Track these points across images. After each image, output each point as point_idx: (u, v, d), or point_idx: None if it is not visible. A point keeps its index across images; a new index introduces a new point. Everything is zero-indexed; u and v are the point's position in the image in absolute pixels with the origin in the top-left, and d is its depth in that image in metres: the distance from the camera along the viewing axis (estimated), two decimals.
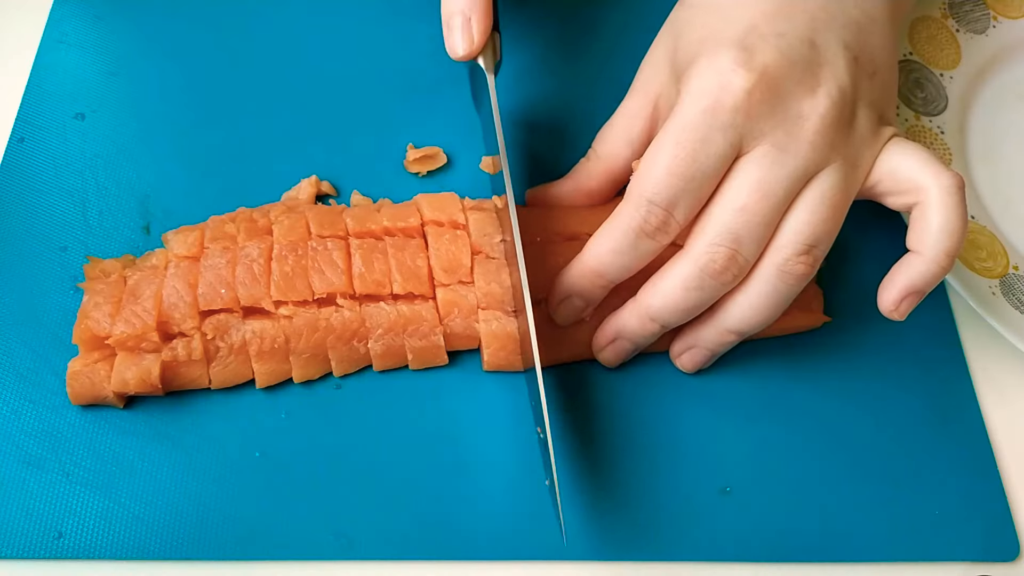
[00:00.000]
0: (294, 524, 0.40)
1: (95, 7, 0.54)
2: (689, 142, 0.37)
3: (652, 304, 0.40)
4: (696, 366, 0.44)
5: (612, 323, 0.42)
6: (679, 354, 0.43)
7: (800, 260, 0.38)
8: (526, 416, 0.43)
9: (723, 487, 0.42)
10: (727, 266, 0.38)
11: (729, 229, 0.37)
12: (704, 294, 0.39)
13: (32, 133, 0.50)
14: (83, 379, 0.41)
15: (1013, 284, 0.47)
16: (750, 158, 0.37)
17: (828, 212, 0.38)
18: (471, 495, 0.41)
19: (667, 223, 0.38)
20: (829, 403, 0.44)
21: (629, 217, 0.38)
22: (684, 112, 0.37)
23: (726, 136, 0.37)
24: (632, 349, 0.43)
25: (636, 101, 0.44)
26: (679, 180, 0.37)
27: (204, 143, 0.50)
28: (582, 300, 0.42)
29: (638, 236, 0.38)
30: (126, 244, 0.46)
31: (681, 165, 0.37)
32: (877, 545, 0.41)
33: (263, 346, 0.42)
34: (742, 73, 0.36)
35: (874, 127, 0.39)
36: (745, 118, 0.37)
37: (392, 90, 0.52)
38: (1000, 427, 0.44)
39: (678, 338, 0.43)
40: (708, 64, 0.37)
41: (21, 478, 0.40)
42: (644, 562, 0.40)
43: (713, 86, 0.37)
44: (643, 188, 0.38)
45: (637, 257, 0.39)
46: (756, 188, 0.37)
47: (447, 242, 0.43)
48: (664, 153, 0.37)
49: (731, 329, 0.40)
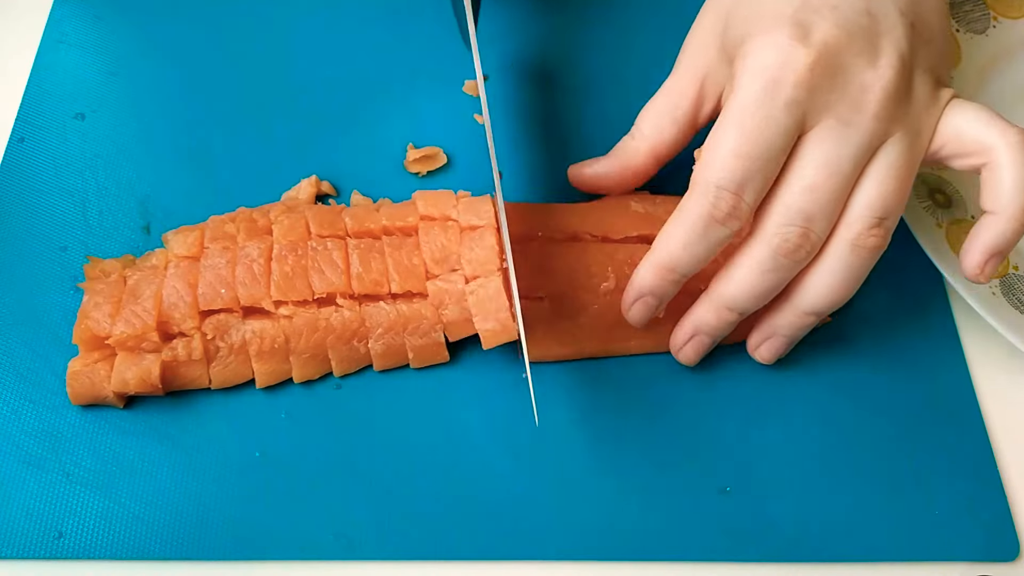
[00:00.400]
0: (294, 524, 0.40)
1: (95, 7, 0.54)
2: (753, 122, 0.36)
3: (727, 293, 0.40)
4: (776, 355, 0.43)
5: (688, 320, 0.42)
6: (757, 346, 0.43)
7: (872, 233, 0.37)
8: (526, 416, 0.43)
9: (723, 487, 0.42)
10: (800, 244, 0.37)
11: (800, 208, 0.37)
12: (779, 275, 0.38)
13: (32, 133, 0.50)
14: (83, 379, 0.41)
15: (1013, 284, 0.47)
16: (815, 134, 0.37)
17: (896, 183, 0.37)
18: (472, 495, 0.41)
19: (737, 207, 0.37)
20: (829, 403, 0.44)
21: (698, 206, 0.37)
22: (744, 92, 0.37)
23: (790, 113, 0.36)
24: (711, 344, 0.43)
25: (682, 79, 0.43)
26: (746, 161, 0.36)
27: (204, 143, 0.50)
28: (655, 298, 0.41)
29: (708, 224, 0.37)
30: (126, 244, 0.46)
31: (746, 145, 0.36)
32: (877, 545, 0.41)
33: (263, 346, 0.42)
34: (802, 49, 0.36)
35: (932, 92, 0.39)
36: (808, 94, 0.36)
37: (392, 90, 0.52)
38: (1000, 427, 0.44)
39: (755, 330, 0.43)
40: (765, 42, 0.37)
41: (21, 478, 0.40)
42: (644, 562, 0.40)
43: (772, 63, 0.36)
44: (709, 174, 0.37)
45: (709, 246, 0.38)
46: (823, 165, 0.37)
47: (437, 234, 0.43)
48: (728, 136, 0.37)
49: (809, 311, 0.40)
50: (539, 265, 0.43)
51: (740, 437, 0.43)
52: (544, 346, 0.44)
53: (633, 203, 0.46)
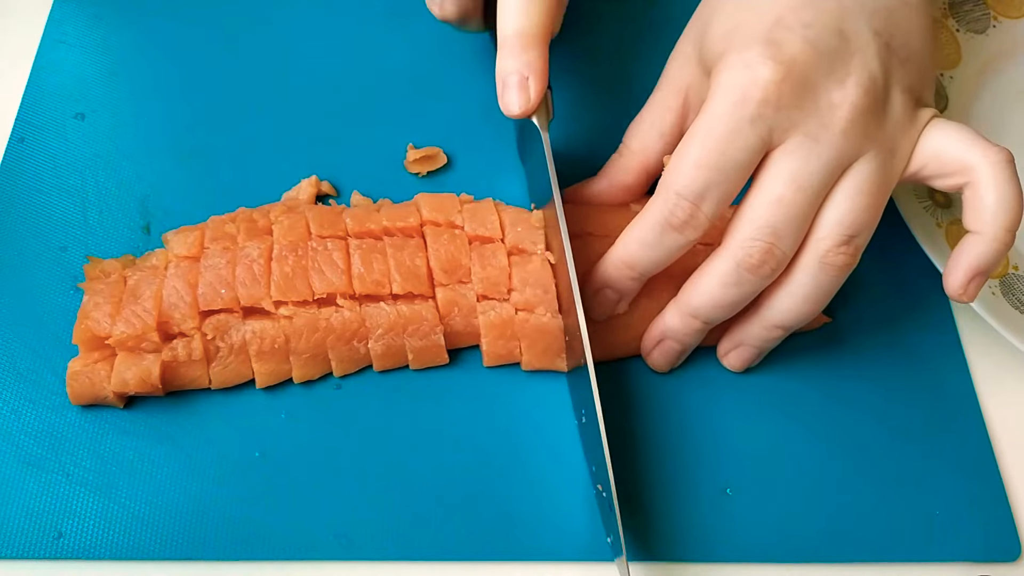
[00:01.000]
0: (294, 524, 0.40)
1: (95, 8, 0.54)
2: (718, 135, 0.37)
3: (691, 301, 0.40)
4: (744, 364, 0.44)
5: (656, 325, 0.43)
6: (726, 353, 0.44)
7: (841, 251, 0.38)
8: (526, 415, 0.43)
9: (723, 487, 0.42)
10: (764, 260, 0.37)
11: (766, 222, 0.37)
12: (743, 289, 0.39)
13: (32, 133, 0.50)
14: (83, 379, 0.41)
15: (1013, 284, 0.47)
16: (783, 150, 0.37)
17: (866, 201, 0.37)
18: (471, 495, 0.41)
19: (694, 216, 0.38)
20: (829, 403, 0.44)
21: (657, 210, 0.38)
22: (713, 106, 0.37)
23: (755, 129, 0.37)
24: (680, 349, 0.43)
25: (665, 93, 0.44)
26: (707, 172, 0.37)
27: (204, 143, 0.50)
28: (614, 292, 0.42)
29: (664, 229, 0.38)
30: (126, 244, 0.46)
31: (710, 157, 0.37)
32: (877, 545, 0.41)
33: (263, 346, 0.42)
34: (770, 65, 0.36)
35: (910, 112, 0.39)
36: (775, 111, 0.36)
37: (392, 90, 0.52)
38: (1000, 427, 0.44)
39: (725, 337, 0.43)
40: (736, 58, 0.37)
41: (21, 478, 0.40)
42: (644, 562, 0.40)
43: (741, 80, 0.37)
44: (672, 181, 0.38)
45: (665, 251, 0.39)
46: (791, 179, 0.37)
47: (445, 242, 0.43)
48: (693, 146, 0.37)
49: (777, 324, 0.40)
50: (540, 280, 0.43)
51: (740, 437, 0.43)
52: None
53: (633, 203, 0.46)
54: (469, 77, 0.53)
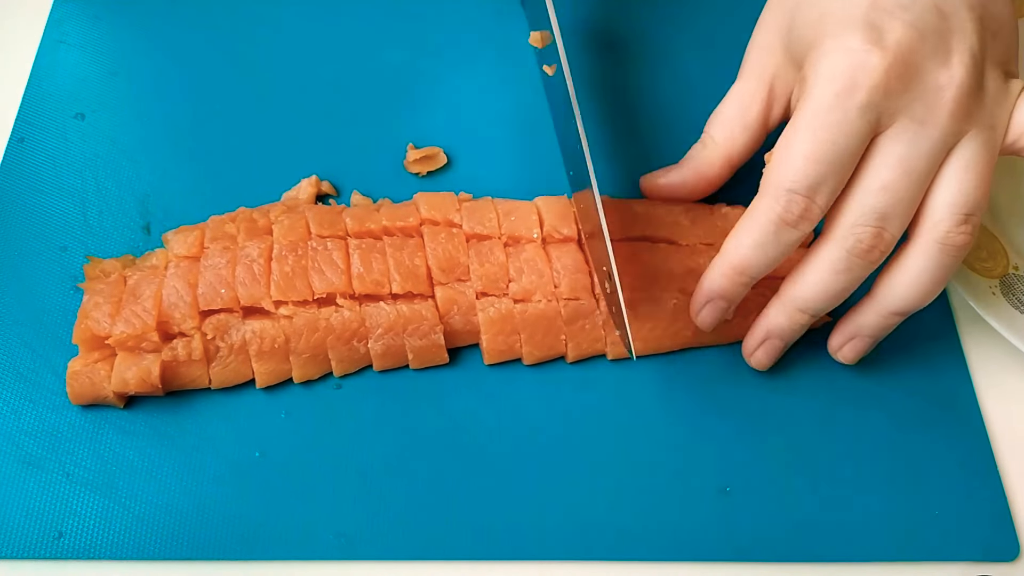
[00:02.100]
0: (294, 524, 0.40)
1: (95, 7, 0.54)
2: (827, 126, 0.36)
3: (799, 294, 0.40)
4: (859, 356, 0.43)
5: (760, 325, 0.42)
6: (840, 347, 0.43)
7: (960, 231, 0.37)
8: (526, 415, 0.43)
9: (723, 487, 0.42)
10: (874, 244, 0.37)
11: (873, 208, 0.37)
12: (852, 275, 0.38)
13: (32, 133, 0.50)
14: (83, 379, 0.41)
15: (1013, 284, 0.47)
16: (889, 135, 0.37)
17: (977, 179, 0.37)
18: (471, 495, 0.41)
19: (809, 210, 0.37)
20: (829, 403, 0.44)
21: (769, 209, 0.37)
22: (817, 96, 0.37)
23: (864, 117, 0.36)
24: (783, 347, 0.43)
25: (749, 84, 0.43)
26: (819, 166, 0.36)
27: (204, 143, 0.50)
28: (725, 301, 0.41)
29: (779, 227, 0.38)
30: (126, 244, 0.46)
31: (820, 150, 0.36)
32: (877, 545, 0.41)
33: (263, 346, 0.42)
34: (876, 52, 0.36)
35: (1002, 85, 0.38)
36: (883, 97, 0.36)
37: (392, 90, 0.52)
38: (1000, 427, 0.44)
39: (836, 330, 0.43)
40: (837, 45, 0.37)
41: (21, 478, 0.40)
42: (644, 562, 0.40)
43: (846, 68, 0.36)
44: (781, 178, 0.37)
45: (780, 249, 0.38)
46: (897, 165, 0.36)
47: (443, 241, 0.43)
48: (801, 140, 0.37)
49: (896, 311, 0.40)
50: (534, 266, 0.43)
51: (740, 437, 0.43)
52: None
53: (634, 204, 0.46)
54: (469, 77, 0.53)
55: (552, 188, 0.48)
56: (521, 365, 0.44)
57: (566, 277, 0.43)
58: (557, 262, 0.43)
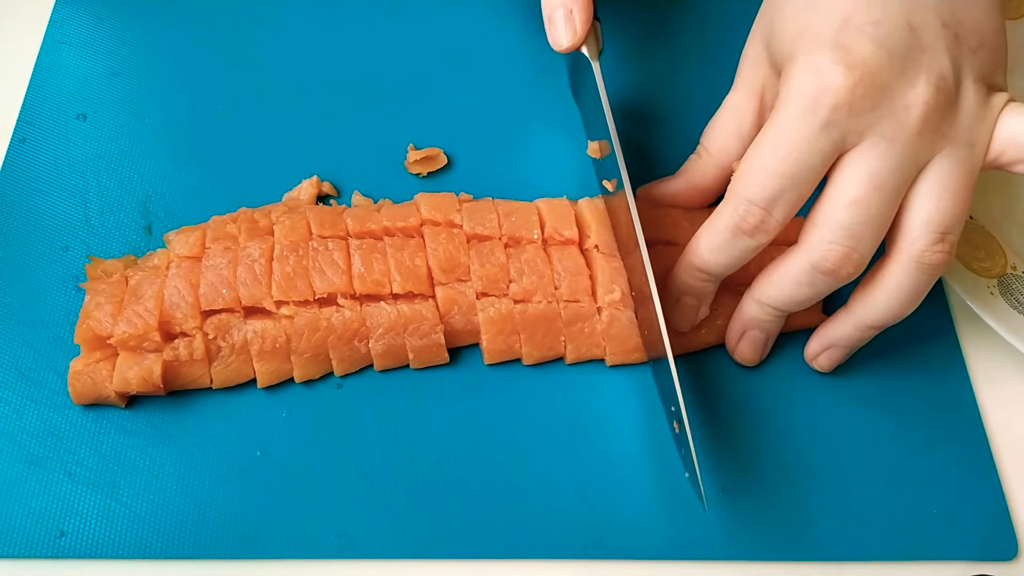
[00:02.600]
0: (295, 523, 0.40)
1: (96, 8, 0.55)
2: (788, 143, 0.37)
3: (766, 293, 0.41)
4: (834, 365, 0.44)
5: (737, 318, 0.43)
6: (816, 355, 0.44)
7: (936, 249, 0.37)
8: (526, 414, 0.43)
9: (723, 486, 0.42)
10: (842, 264, 0.38)
11: (843, 224, 0.37)
12: (816, 289, 0.39)
13: (34, 134, 0.50)
14: (85, 379, 0.41)
15: (1011, 284, 0.47)
16: (857, 152, 0.37)
17: (952, 197, 0.37)
18: (471, 494, 0.41)
19: (765, 222, 0.38)
20: (828, 403, 0.44)
21: (728, 216, 0.39)
22: (783, 113, 0.37)
23: (828, 135, 0.36)
24: (764, 339, 0.43)
25: (741, 96, 0.44)
26: (779, 179, 0.37)
27: (205, 144, 0.50)
28: (693, 298, 0.42)
29: (735, 235, 0.39)
30: (127, 244, 0.46)
31: (779, 166, 0.37)
32: (876, 544, 0.41)
33: (264, 346, 0.42)
34: (841, 71, 0.36)
35: (983, 100, 0.38)
36: (848, 116, 0.36)
37: (392, 90, 0.52)
38: (998, 427, 0.44)
39: (813, 338, 0.43)
40: (805, 63, 0.37)
41: (23, 477, 0.40)
42: (644, 561, 0.41)
43: (812, 87, 0.36)
44: (742, 188, 0.38)
45: (736, 254, 0.39)
46: (867, 180, 0.37)
47: (443, 242, 0.43)
48: (763, 153, 0.37)
49: (871, 325, 0.40)
50: (535, 267, 0.43)
51: (740, 437, 0.43)
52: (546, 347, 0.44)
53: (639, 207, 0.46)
54: (469, 77, 0.53)
55: (552, 188, 0.48)
56: (521, 365, 0.44)
57: (566, 279, 0.43)
58: (558, 264, 0.44)
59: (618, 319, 0.43)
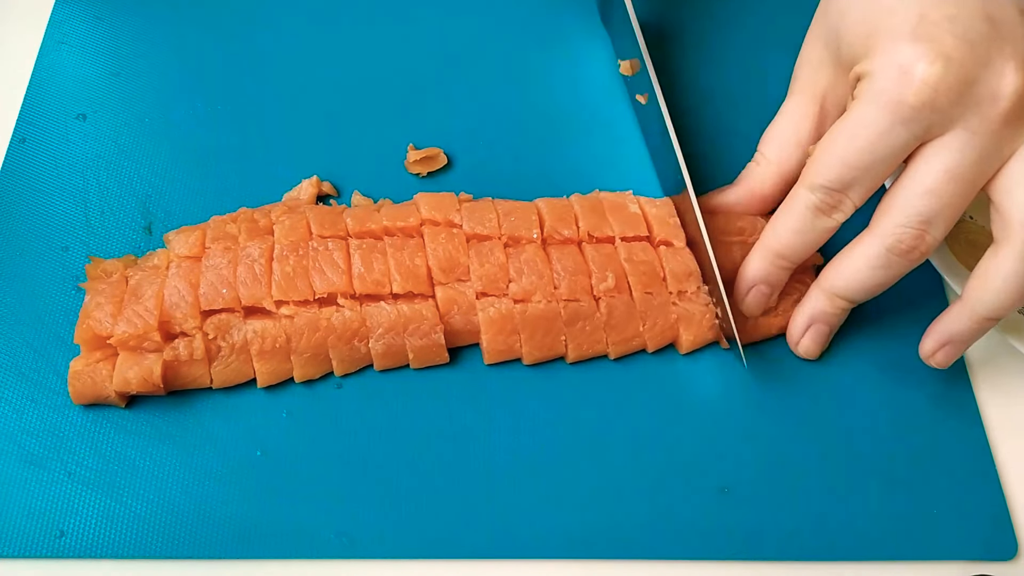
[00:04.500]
0: (295, 523, 0.40)
1: (96, 8, 0.55)
2: (868, 137, 0.37)
3: (836, 283, 0.41)
4: (951, 361, 0.43)
5: (801, 311, 0.43)
6: (932, 352, 0.42)
7: None
8: (526, 414, 0.43)
9: (723, 486, 0.42)
10: (914, 245, 0.38)
11: (918, 211, 0.37)
12: (890, 272, 0.39)
13: (34, 134, 0.50)
14: (85, 378, 0.41)
15: None
16: (939, 142, 0.37)
17: None
18: (471, 494, 0.41)
19: (843, 203, 0.39)
20: (829, 403, 0.44)
21: (805, 198, 0.39)
22: (863, 108, 0.37)
23: (910, 130, 0.36)
24: (828, 332, 0.43)
25: (800, 100, 0.44)
26: (854, 171, 0.37)
27: (205, 143, 0.50)
28: (767, 286, 0.43)
29: (815, 214, 0.39)
30: (127, 244, 0.46)
31: (857, 156, 0.37)
32: (876, 544, 0.41)
33: (264, 346, 0.42)
34: (924, 66, 0.36)
35: None
36: (930, 112, 0.36)
37: (392, 90, 0.52)
38: (998, 427, 0.45)
39: (927, 337, 0.42)
40: (886, 60, 0.37)
41: (23, 477, 0.40)
42: (644, 560, 0.41)
43: (894, 83, 0.36)
44: (816, 175, 0.38)
45: (817, 234, 0.40)
46: (945, 171, 0.37)
47: (443, 242, 0.43)
48: (840, 144, 0.37)
49: (990, 316, 0.40)
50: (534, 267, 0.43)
51: (740, 437, 0.43)
52: (545, 347, 0.44)
53: (630, 204, 0.46)
54: (469, 77, 0.53)
55: (552, 189, 0.48)
56: (521, 365, 0.44)
57: (566, 278, 0.43)
58: (557, 263, 0.44)
59: (616, 307, 0.43)
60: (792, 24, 0.48)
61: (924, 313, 0.46)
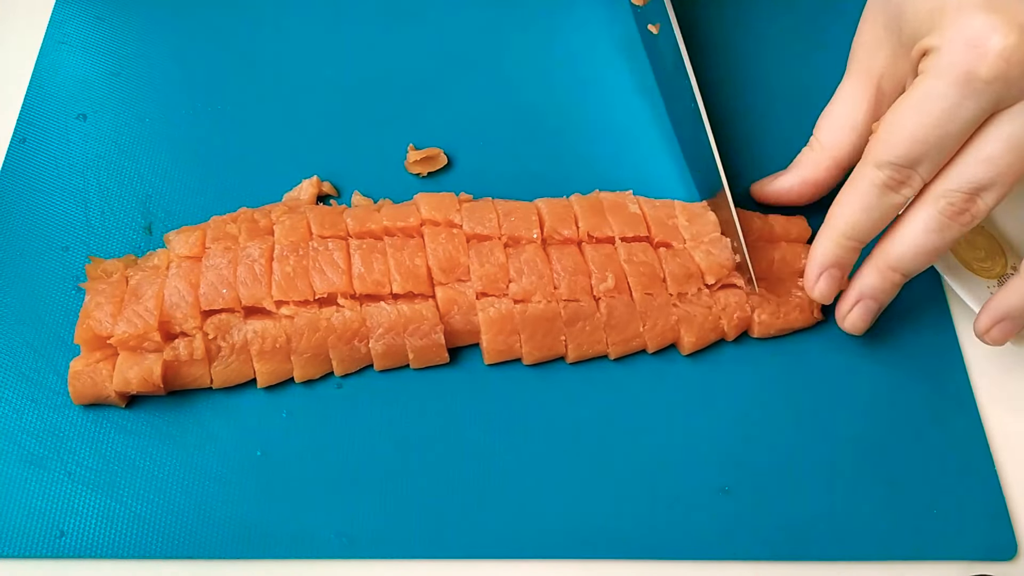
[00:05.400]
0: (295, 523, 0.40)
1: (97, 8, 0.55)
2: (938, 112, 0.36)
3: (892, 252, 0.40)
4: (1007, 338, 0.43)
5: (853, 287, 0.43)
6: (988, 329, 0.42)
7: None
8: (526, 414, 0.43)
9: (723, 486, 0.42)
10: (965, 208, 0.38)
11: (972, 177, 0.37)
12: (944, 235, 0.39)
13: (34, 134, 0.50)
14: (85, 379, 0.41)
15: None
16: (1008, 113, 0.37)
17: None
18: (471, 494, 0.41)
19: (911, 178, 0.38)
20: (828, 402, 0.44)
21: (872, 176, 0.39)
22: (932, 81, 0.37)
23: (979, 103, 0.36)
24: (877, 309, 0.43)
25: (857, 84, 0.43)
26: (923, 146, 0.37)
27: (205, 143, 0.50)
28: (838, 269, 0.42)
29: (882, 191, 0.39)
30: (128, 244, 0.46)
31: (926, 131, 0.37)
32: (875, 544, 0.41)
33: (264, 346, 0.42)
34: (997, 39, 0.35)
35: None
36: (1003, 84, 0.36)
37: (392, 90, 0.52)
38: (998, 427, 0.45)
39: (984, 313, 0.42)
40: (955, 34, 0.36)
41: (23, 477, 0.40)
42: (644, 560, 0.41)
43: (965, 56, 0.36)
44: (884, 152, 0.38)
45: (885, 211, 0.40)
46: (1006, 141, 0.37)
47: (443, 242, 0.43)
48: (908, 119, 0.37)
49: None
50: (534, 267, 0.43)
51: (740, 437, 0.43)
52: (545, 347, 0.44)
53: (630, 204, 0.46)
54: (469, 77, 0.53)
55: (552, 189, 0.48)
56: (521, 365, 0.44)
57: (566, 279, 0.43)
58: (557, 263, 0.44)
59: (616, 308, 0.43)
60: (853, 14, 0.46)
61: (924, 313, 0.46)
